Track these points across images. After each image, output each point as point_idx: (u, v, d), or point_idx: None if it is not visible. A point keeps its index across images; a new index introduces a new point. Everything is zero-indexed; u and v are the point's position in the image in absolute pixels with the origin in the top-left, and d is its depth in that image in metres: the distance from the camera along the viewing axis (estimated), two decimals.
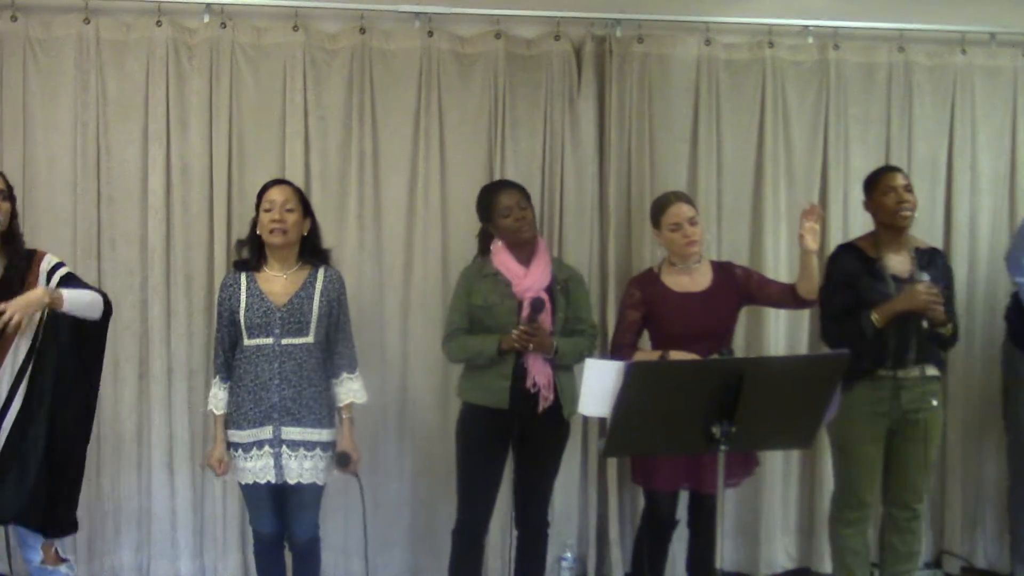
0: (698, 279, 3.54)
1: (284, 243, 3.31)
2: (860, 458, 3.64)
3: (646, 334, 3.63)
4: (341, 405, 3.39)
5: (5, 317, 2.86)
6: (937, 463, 3.94)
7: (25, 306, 2.90)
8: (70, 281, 3.11)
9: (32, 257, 3.12)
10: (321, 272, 3.38)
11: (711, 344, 3.36)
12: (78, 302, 3.03)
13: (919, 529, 3.79)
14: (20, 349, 3.02)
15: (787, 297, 3.53)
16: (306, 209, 3.38)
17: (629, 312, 3.58)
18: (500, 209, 3.51)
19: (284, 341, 3.27)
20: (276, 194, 3.32)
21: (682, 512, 3.67)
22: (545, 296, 3.46)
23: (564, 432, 3.61)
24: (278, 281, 3.33)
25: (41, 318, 3.06)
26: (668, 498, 3.57)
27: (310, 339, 3.30)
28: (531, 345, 3.37)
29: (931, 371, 3.64)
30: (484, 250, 3.64)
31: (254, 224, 3.37)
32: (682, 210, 3.50)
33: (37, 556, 3.09)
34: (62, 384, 3.08)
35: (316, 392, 3.31)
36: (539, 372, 3.44)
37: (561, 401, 3.49)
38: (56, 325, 3.07)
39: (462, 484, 3.58)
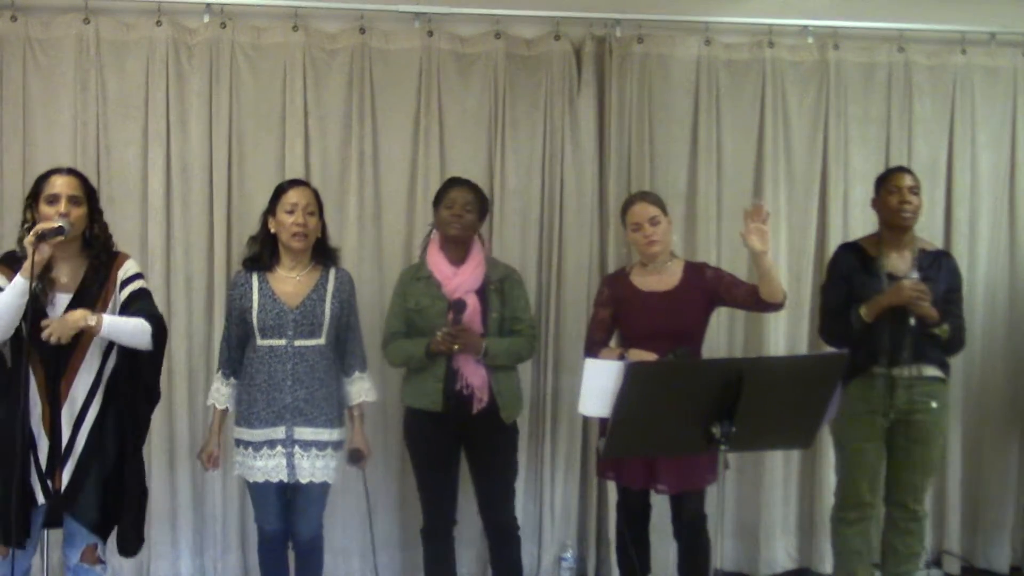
0: (666, 279, 3.53)
1: (305, 247, 3.33)
2: (857, 455, 3.66)
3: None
4: (353, 404, 3.42)
5: (45, 334, 2.87)
6: (938, 464, 3.92)
7: (62, 328, 2.88)
8: (135, 300, 3.06)
9: (112, 262, 3.09)
10: (332, 273, 3.40)
11: (675, 344, 3.34)
12: (118, 331, 2.98)
13: (920, 530, 3.78)
14: (94, 356, 3.02)
15: (751, 299, 3.44)
16: (321, 211, 3.40)
17: (599, 310, 3.61)
18: (446, 200, 3.52)
19: (297, 343, 3.29)
20: (298, 196, 3.31)
21: (666, 512, 3.65)
22: (474, 297, 3.45)
23: (509, 435, 3.57)
24: (290, 281, 3.34)
25: (104, 359, 3.05)
26: (638, 492, 3.57)
27: (322, 341, 3.32)
28: (456, 346, 3.36)
29: (930, 372, 3.63)
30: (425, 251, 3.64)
31: (265, 221, 3.37)
32: (644, 210, 3.49)
33: (77, 555, 3.10)
34: (132, 402, 3.10)
35: (327, 392, 3.34)
36: (472, 374, 3.42)
37: (498, 403, 3.46)
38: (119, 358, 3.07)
39: (419, 488, 3.60)
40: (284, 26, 4.10)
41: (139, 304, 3.07)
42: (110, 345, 3.05)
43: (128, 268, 3.11)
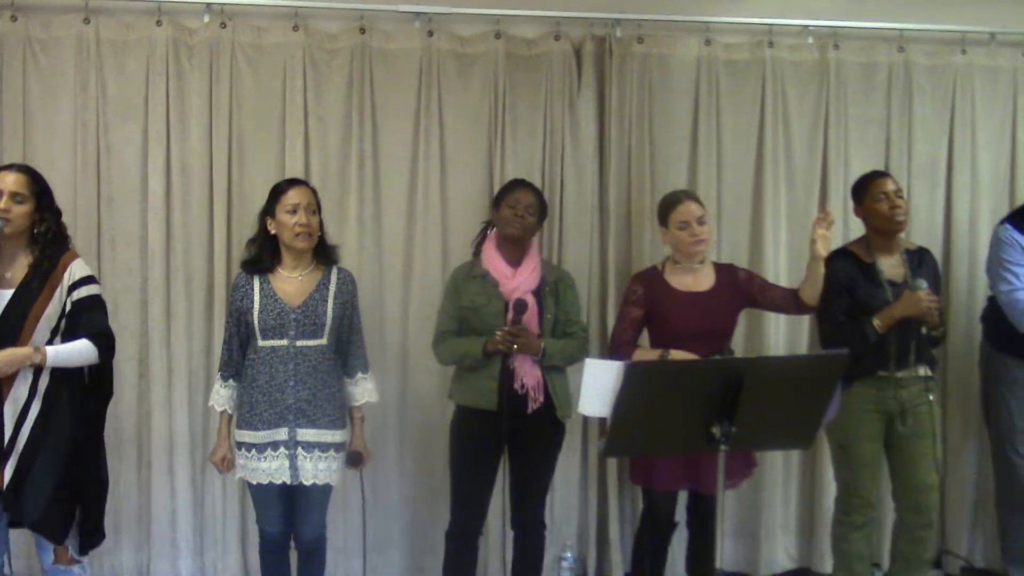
0: (701, 279, 3.54)
1: (310, 246, 3.32)
2: (862, 455, 3.64)
3: (647, 332, 3.62)
4: (356, 405, 3.41)
5: None
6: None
7: (8, 363, 2.93)
8: (84, 311, 3.06)
9: (58, 259, 3.08)
10: (334, 273, 3.38)
11: (711, 344, 3.37)
12: (64, 359, 3.02)
13: (930, 537, 3.74)
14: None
15: (789, 302, 3.54)
16: (319, 208, 3.39)
17: (631, 309, 3.57)
18: (510, 199, 3.53)
19: (299, 343, 3.28)
20: (299, 196, 3.29)
21: (681, 513, 3.67)
22: (532, 298, 3.45)
23: (558, 434, 3.59)
24: (292, 282, 3.33)
25: (57, 328, 3.06)
26: (667, 498, 3.57)
27: (324, 341, 3.31)
28: (515, 346, 3.36)
29: (923, 371, 3.64)
30: (479, 250, 3.65)
31: (264, 222, 3.35)
32: (691, 208, 3.51)
33: (48, 555, 3.11)
34: (78, 399, 3.09)
35: (330, 393, 3.32)
36: (527, 373, 3.43)
37: (554, 402, 3.48)
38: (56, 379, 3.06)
39: (455, 486, 3.59)
40: (284, 26, 4.10)
41: (88, 316, 3.07)
42: (51, 341, 3.04)
43: (75, 270, 3.10)
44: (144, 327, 4.09)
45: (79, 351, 3.05)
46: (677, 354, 3.36)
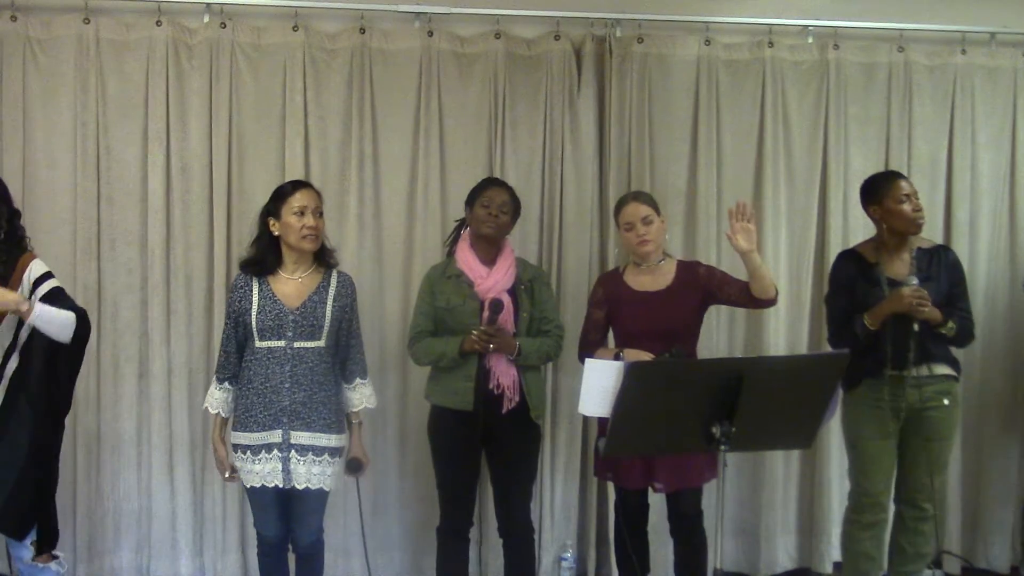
0: (659, 279, 3.54)
1: (315, 248, 3.31)
2: (871, 453, 3.64)
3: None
4: (353, 411, 3.39)
5: None
6: (948, 462, 3.87)
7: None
8: (54, 299, 3.06)
9: (17, 260, 3.07)
10: (334, 276, 3.37)
11: (667, 343, 3.35)
12: (48, 321, 2.99)
13: (928, 531, 3.75)
14: None
15: (744, 296, 3.46)
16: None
17: (594, 310, 3.63)
18: (483, 198, 3.53)
19: (296, 344, 3.26)
20: (307, 199, 3.28)
21: (664, 516, 3.66)
22: (507, 297, 3.46)
23: (533, 434, 3.59)
24: (292, 283, 3.31)
25: (18, 330, 3.04)
26: (635, 490, 3.58)
27: (322, 343, 3.29)
28: (491, 346, 3.37)
29: (941, 370, 3.61)
30: (452, 249, 3.65)
31: (266, 223, 3.32)
32: (636, 210, 3.50)
33: (27, 553, 3.09)
34: (40, 397, 3.07)
35: (326, 396, 3.30)
36: (503, 373, 3.43)
37: (528, 403, 3.48)
38: (34, 338, 3.05)
39: (439, 486, 3.60)
40: (284, 26, 4.10)
41: (60, 304, 3.06)
42: (11, 346, 3.03)
43: (35, 269, 3.09)
44: (144, 327, 4.09)
45: (60, 321, 3.02)
46: (631, 353, 3.36)
